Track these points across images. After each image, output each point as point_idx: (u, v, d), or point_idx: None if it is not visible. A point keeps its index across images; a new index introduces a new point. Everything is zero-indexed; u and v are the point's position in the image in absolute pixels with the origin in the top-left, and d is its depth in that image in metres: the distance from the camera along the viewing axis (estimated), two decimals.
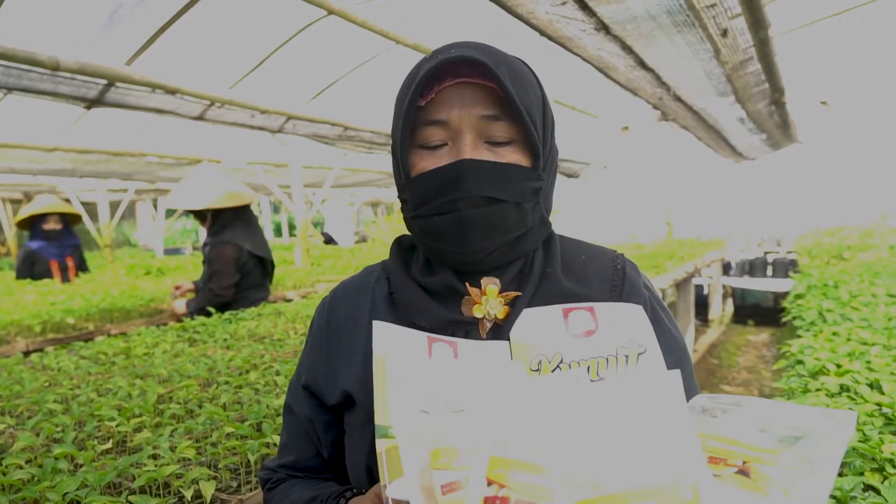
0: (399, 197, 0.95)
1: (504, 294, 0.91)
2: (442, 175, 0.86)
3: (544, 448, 0.58)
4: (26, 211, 5.56)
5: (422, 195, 0.88)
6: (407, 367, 0.76)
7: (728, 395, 0.67)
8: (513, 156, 0.87)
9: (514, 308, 0.91)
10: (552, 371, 0.80)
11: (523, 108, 0.85)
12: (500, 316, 0.90)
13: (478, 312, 0.90)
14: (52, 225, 5.50)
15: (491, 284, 0.91)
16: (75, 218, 5.83)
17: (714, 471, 0.61)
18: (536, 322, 0.83)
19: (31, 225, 5.54)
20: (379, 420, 0.73)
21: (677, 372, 0.64)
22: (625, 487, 0.54)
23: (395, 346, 0.79)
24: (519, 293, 0.92)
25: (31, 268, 5.52)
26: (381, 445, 0.70)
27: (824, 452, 0.59)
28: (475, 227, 0.87)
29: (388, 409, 0.72)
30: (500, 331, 0.90)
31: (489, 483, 0.56)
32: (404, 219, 0.96)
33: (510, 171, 0.86)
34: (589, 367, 0.77)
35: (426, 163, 0.88)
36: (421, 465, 0.61)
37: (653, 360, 0.79)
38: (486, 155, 0.86)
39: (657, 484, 0.55)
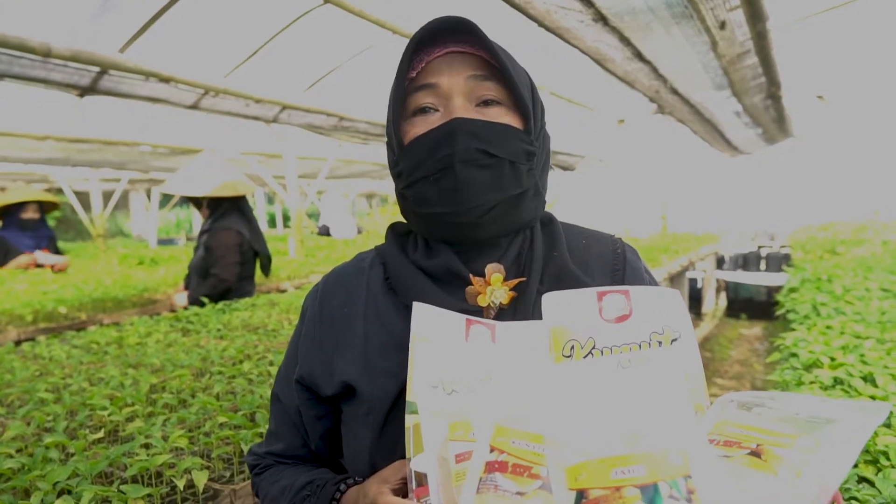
0: (393, 173, 0.94)
1: (507, 281, 0.90)
2: (434, 136, 0.87)
3: (546, 420, 0.62)
4: (2, 199, 5.41)
5: (416, 158, 0.88)
6: (436, 347, 0.78)
7: (767, 392, 0.67)
8: (503, 117, 0.89)
9: (520, 292, 0.90)
10: (584, 357, 0.78)
11: (511, 69, 0.87)
12: (505, 302, 0.89)
13: (482, 302, 0.89)
14: (30, 214, 5.34)
15: (495, 272, 0.89)
16: (50, 207, 5.68)
17: (726, 452, 0.62)
18: (569, 305, 0.81)
19: (5, 214, 5.38)
20: (410, 397, 0.75)
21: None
22: (614, 452, 0.57)
23: (432, 327, 0.80)
24: (523, 278, 0.90)
25: (2, 257, 5.35)
26: (409, 421, 0.73)
27: (845, 439, 0.59)
28: (470, 183, 0.86)
29: (414, 388, 0.74)
30: (504, 316, 0.89)
31: (492, 450, 0.62)
32: (397, 193, 0.95)
33: (502, 129, 0.88)
34: (621, 357, 0.76)
35: (419, 129, 0.89)
36: (440, 439, 0.67)
37: (687, 346, 0.77)
38: (476, 114, 0.88)
39: (646, 449, 0.56)
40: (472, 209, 0.87)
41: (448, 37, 0.89)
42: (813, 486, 0.57)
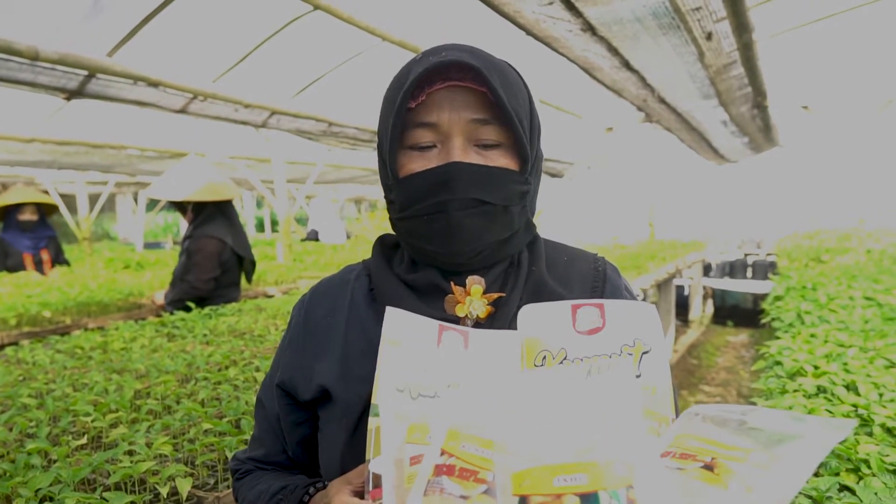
0: (385, 197, 0.95)
1: (487, 294, 0.91)
2: (431, 177, 0.86)
3: (500, 425, 0.62)
4: (0, 201, 5.41)
5: (410, 196, 0.88)
6: (405, 351, 0.78)
7: (738, 405, 0.67)
8: (501, 159, 0.88)
9: (498, 308, 0.91)
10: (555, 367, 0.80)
11: (513, 112, 0.85)
12: (482, 316, 0.90)
13: (460, 312, 0.89)
14: (27, 216, 5.34)
15: (476, 284, 0.90)
16: (51, 208, 5.69)
17: (681, 465, 0.62)
18: (544, 316, 0.82)
19: (5, 215, 5.40)
20: (374, 399, 0.76)
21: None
22: (561, 460, 0.57)
23: (404, 332, 0.81)
24: (502, 294, 0.92)
25: (3, 260, 5.35)
26: (372, 423, 0.74)
27: (802, 456, 0.58)
28: (463, 229, 0.87)
29: (379, 390, 0.75)
30: (481, 328, 0.89)
31: (442, 453, 0.61)
32: (390, 219, 0.96)
33: (498, 175, 0.87)
34: (591, 367, 0.77)
35: (415, 164, 0.88)
36: (399, 442, 0.66)
37: (657, 360, 0.78)
38: (475, 158, 0.87)
39: (592, 459, 0.56)
40: (463, 253, 0.90)
41: (452, 68, 0.86)
42: (764, 502, 0.57)
